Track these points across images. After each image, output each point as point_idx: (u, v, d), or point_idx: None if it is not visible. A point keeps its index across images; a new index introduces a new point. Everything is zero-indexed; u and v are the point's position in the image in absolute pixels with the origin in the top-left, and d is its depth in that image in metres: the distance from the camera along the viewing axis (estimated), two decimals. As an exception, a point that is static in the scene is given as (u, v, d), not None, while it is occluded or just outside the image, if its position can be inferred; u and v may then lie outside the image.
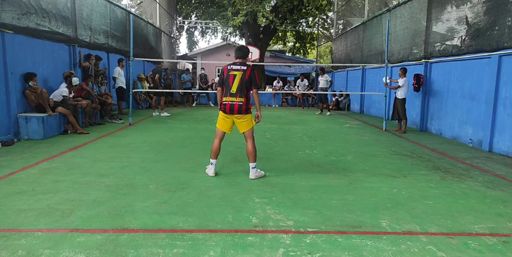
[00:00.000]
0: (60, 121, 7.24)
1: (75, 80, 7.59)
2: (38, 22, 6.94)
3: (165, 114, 11.26)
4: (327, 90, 13.29)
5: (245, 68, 4.49)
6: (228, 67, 4.54)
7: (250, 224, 3.03)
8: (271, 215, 3.25)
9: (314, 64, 22.27)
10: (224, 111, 4.48)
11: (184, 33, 24.47)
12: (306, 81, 16.58)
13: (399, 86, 8.54)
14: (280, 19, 17.97)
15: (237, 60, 4.61)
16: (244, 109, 4.44)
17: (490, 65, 6.60)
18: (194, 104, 16.64)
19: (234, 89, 4.44)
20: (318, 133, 8.34)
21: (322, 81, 13.12)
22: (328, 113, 13.27)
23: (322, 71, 13.52)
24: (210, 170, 4.58)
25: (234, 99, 4.42)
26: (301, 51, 24.78)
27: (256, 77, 4.53)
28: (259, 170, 4.61)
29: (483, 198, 3.87)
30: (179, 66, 19.85)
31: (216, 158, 4.58)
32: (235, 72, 4.48)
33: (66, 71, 7.82)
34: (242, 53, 4.64)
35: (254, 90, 4.51)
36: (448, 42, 8.04)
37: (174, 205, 3.45)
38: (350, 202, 3.66)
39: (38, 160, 5.00)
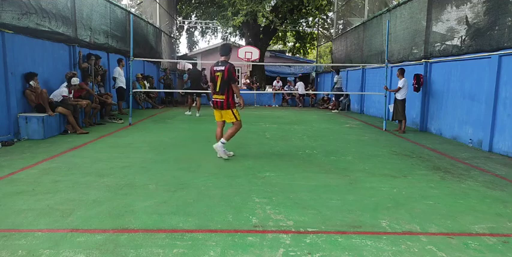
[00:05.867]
0: (60, 121, 7.24)
1: (74, 80, 7.59)
2: (38, 22, 6.93)
3: (198, 115, 11.79)
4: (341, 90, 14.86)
5: (223, 68, 5.21)
6: (215, 68, 5.30)
7: (250, 224, 3.03)
8: (271, 215, 3.25)
9: (314, 64, 22.26)
10: (213, 107, 5.51)
11: (184, 33, 24.46)
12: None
13: (399, 88, 8.54)
14: (280, 19, 17.96)
15: (221, 59, 5.33)
16: (226, 105, 5.29)
17: (490, 65, 6.60)
18: (194, 104, 16.63)
19: (217, 89, 5.32)
20: (318, 133, 8.34)
21: (340, 81, 14.63)
22: (334, 111, 14.70)
23: (337, 71, 14.89)
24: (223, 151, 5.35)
25: (217, 96, 5.34)
26: (301, 51, 24.77)
27: (232, 74, 5.23)
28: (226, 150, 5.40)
29: (483, 198, 3.87)
30: (179, 66, 19.84)
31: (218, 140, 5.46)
32: (218, 73, 5.27)
33: (69, 72, 7.82)
34: (223, 50, 5.38)
35: (232, 85, 5.27)
36: (448, 42, 8.03)
37: (174, 205, 3.45)
38: (350, 202, 3.66)
39: (38, 160, 5.01)
